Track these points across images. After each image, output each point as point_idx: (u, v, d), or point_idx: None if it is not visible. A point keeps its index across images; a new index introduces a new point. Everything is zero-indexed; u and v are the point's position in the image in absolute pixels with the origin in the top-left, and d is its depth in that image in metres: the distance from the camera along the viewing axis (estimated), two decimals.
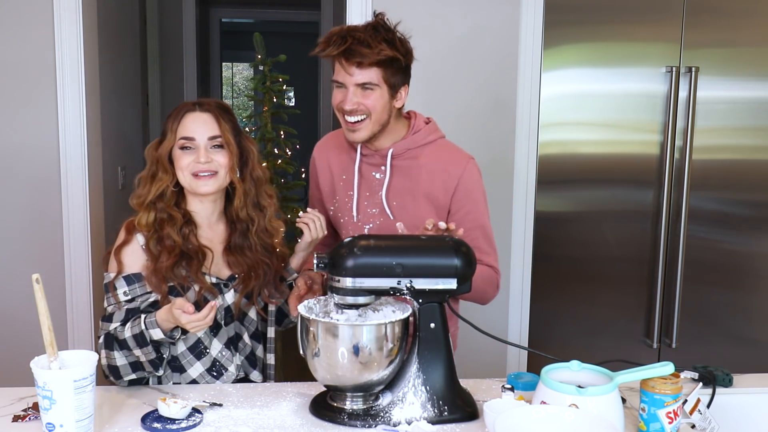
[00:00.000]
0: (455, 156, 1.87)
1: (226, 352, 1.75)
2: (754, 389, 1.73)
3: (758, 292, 3.02)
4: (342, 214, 1.90)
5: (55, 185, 2.85)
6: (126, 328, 1.60)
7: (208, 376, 1.74)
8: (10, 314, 2.86)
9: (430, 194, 1.84)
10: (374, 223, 1.87)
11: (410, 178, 1.84)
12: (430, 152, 1.86)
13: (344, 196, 1.90)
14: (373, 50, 1.70)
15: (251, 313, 1.82)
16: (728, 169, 2.96)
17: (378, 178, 1.86)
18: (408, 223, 1.77)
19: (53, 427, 1.34)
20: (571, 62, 2.88)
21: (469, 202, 1.86)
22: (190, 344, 1.72)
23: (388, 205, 1.84)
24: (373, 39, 1.71)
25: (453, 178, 1.83)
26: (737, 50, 2.89)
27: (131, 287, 1.68)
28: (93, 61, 2.96)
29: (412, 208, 1.84)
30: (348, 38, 1.71)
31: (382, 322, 1.47)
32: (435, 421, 1.49)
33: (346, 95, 1.76)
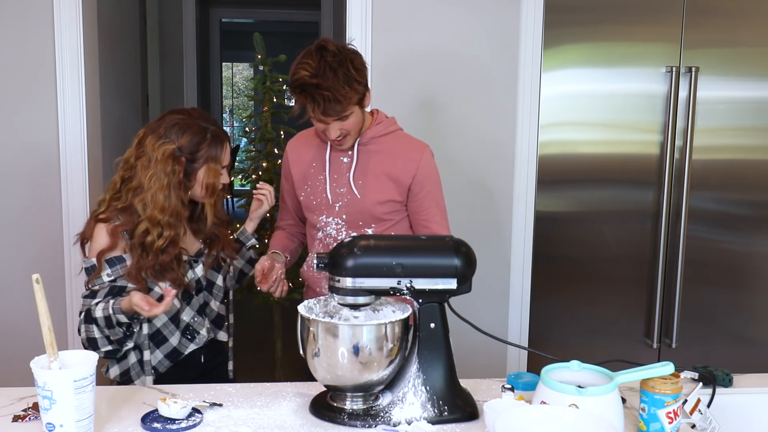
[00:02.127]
0: (414, 143, 2.12)
1: (198, 317, 1.97)
2: (754, 389, 1.73)
3: (758, 292, 3.02)
4: (314, 197, 2.10)
5: (55, 185, 2.85)
6: (98, 308, 1.76)
7: (183, 339, 1.94)
8: (10, 314, 2.86)
9: (391, 174, 2.05)
10: (343, 200, 2.07)
11: (374, 161, 2.07)
12: (392, 140, 2.10)
13: (315, 180, 2.10)
14: (346, 101, 1.89)
15: (218, 281, 2.03)
16: (728, 169, 2.96)
17: (345, 162, 2.07)
18: (372, 198, 2.04)
19: (53, 427, 1.34)
20: (571, 62, 2.88)
21: (429, 183, 2.10)
22: (171, 315, 1.91)
23: (354, 184, 2.05)
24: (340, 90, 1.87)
25: (414, 161, 2.06)
26: (737, 50, 2.89)
27: (113, 269, 1.83)
28: (93, 60, 2.96)
29: (376, 185, 2.05)
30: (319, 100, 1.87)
31: (382, 322, 1.47)
32: (435, 421, 1.49)
33: (328, 129, 1.96)
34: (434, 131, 2.89)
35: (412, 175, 2.05)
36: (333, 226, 2.09)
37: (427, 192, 2.09)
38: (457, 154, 2.91)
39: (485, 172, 2.94)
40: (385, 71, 2.84)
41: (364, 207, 2.05)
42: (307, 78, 1.87)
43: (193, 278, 1.95)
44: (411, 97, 2.89)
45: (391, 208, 2.07)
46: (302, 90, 1.89)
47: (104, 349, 1.80)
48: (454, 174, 2.92)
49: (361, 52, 2.82)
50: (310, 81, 1.86)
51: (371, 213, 2.05)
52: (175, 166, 1.83)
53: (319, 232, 2.11)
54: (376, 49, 2.83)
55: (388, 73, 2.85)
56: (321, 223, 2.09)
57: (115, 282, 1.82)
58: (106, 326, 1.76)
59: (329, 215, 2.08)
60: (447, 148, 2.90)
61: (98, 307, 1.76)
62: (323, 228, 2.10)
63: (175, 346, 1.92)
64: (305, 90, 1.88)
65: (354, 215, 2.06)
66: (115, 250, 1.83)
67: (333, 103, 1.88)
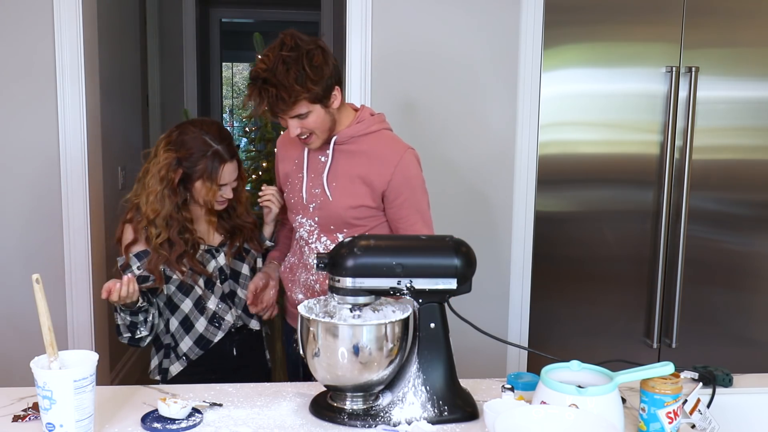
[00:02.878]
0: (393, 146, 1.99)
1: (222, 305, 2.04)
2: (754, 389, 1.73)
3: (758, 292, 3.02)
4: (292, 195, 2.06)
5: (55, 185, 2.85)
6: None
7: (211, 327, 2.03)
8: (10, 314, 2.86)
9: (365, 178, 1.95)
10: (316, 202, 2.00)
11: (349, 162, 1.97)
12: (371, 140, 1.98)
13: (295, 178, 2.05)
14: (288, 102, 1.82)
15: (244, 270, 2.09)
16: (728, 169, 2.95)
17: (323, 161, 2.00)
18: (343, 202, 1.96)
19: (53, 427, 1.34)
20: (571, 62, 2.88)
21: (407, 189, 1.96)
22: (195, 300, 2.01)
23: (327, 186, 1.97)
24: (288, 88, 1.79)
25: (389, 165, 1.94)
26: (737, 50, 2.89)
27: (141, 262, 1.97)
28: (93, 61, 2.96)
29: (348, 188, 1.96)
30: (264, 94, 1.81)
31: (382, 322, 1.47)
32: (435, 421, 1.49)
33: (288, 127, 1.90)
34: (434, 131, 2.89)
35: (386, 181, 1.93)
36: (306, 227, 2.03)
37: (404, 199, 1.96)
38: (457, 154, 2.91)
39: (485, 172, 2.94)
40: (385, 71, 2.84)
41: (334, 210, 1.97)
42: (260, 71, 1.81)
43: (216, 267, 2.04)
44: (411, 97, 2.89)
45: (363, 213, 1.97)
46: (253, 83, 1.84)
47: (125, 335, 1.96)
48: (453, 174, 2.92)
49: (361, 51, 2.84)
50: (262, 75, 1.81)
51: (341, 217, 1.97)
52: (171, 174, 1.93)
53: (296, 232, 2.09)
54: (376, 49, 2.83)
55: (388, 73, 2.85)
56: (296, 223, 2.05)
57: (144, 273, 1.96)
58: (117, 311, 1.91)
59: (304, 216, 2.03)
60: (447, 149, 2.91)
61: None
62: (298, 229, 2.05)
63: (201, 332, 2.02)
64: (255, 83, 1.83)
65: (326, 218, 1.99)
66: (139, 243, 1.97)
67: (278, 101, 1.81)
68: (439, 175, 2.86)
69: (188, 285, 2.01)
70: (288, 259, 2.12)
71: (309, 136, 1.91)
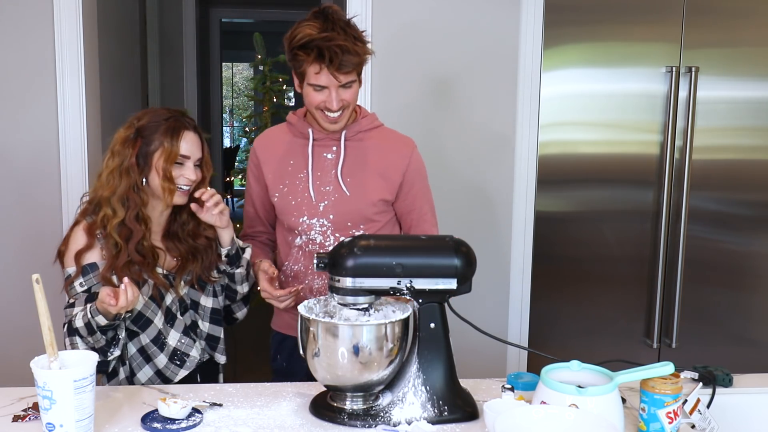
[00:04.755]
0: (402, 138, 2.04)
1: (185, 339, 1.86)
2: (754, 389, 1.73)
3: (758, 292, 3.02)
4: (293, 197, 1.96)
5: (55, 185, 2.85)
6: (78, 317, 1.70)
7: (171, 365, 1.84)
8: (10, 314, 2.86)
9: (381, 171, 1.96)
10: (329, 199, 1.95)
11: (362, 157, 1.96)
12: (378, 135, 2.00)
13: (295, 179, 1.97)
14: (360, 57, 1.82)
15: (202, 300, 1.90)
16: (728, 169, 2.95)
17: (330, 158, 1.96)
18: (362, 197, 1.94)
19: (53, 427, 1.34)
20: (571, 62, 2.88)
21: (419, 180, 2.02)
22: (152, 337, 1.81)
23: (342, 182, 1.93)
24: (353, 44, 1.80)
25: (404, 157, 1.98)
26: (737, 50, 2.89)
27: (86, 278, 1.76)
28: (93, 60, 2.96)
29: (365, 183, 1.95)
30: (336, 50, 1.76)
31: (382, 322, 1.47)
32: (435, 421, 1.49)
33: (330, 96, 1.84)
34: (433, 131, 2.89)
35: (402, 172, 1.96)
36: (318, 228, 1.94)
37: (417, 189, 2.00)
38: (457, 153, 2.91)
39: (485, 171, 2.94)
40: (385, 71, 2.84)
41: (354, 206, 1.93)
42: (315, 34, 1.76)
43: (175, 297, 1.84)
44: (411, 97, 2.89)
45: (381, 207, 1.97)
46: (309, 47, 1.76)
47: None
48: (454, 174, 2.92)
49: None
50: (320, 36, 1.76)
51: (362, 213, 1.94)
52: (129, 149, 1.78)
53: (298, 237, 1.97)
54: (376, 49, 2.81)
55: (388, 73, 2.85)
56: (303, 225, 1.95)
57: (90, 291, 1.75)
58: (88, 334, 1.68)
59: (312, 216, 1.94)
60: (447, 148, 2.91)
61: (78, 316, 1.70)
62: (305, 232, 1.95)
63: (160, 368, 1.82)
64: (313, 46, 1.76)
65: (342, 215, 1.94)
66: (92, 250, 1.77)
67: (349, 55, 1.77)
68: (439, 175, 2.86)
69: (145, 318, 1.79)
70: (288, 268, 2.01)
71: (341, 113, 1.87)
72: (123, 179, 1.77)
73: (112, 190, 1.76)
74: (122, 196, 1.76)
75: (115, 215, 1.76)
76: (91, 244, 1.77)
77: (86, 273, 1.77)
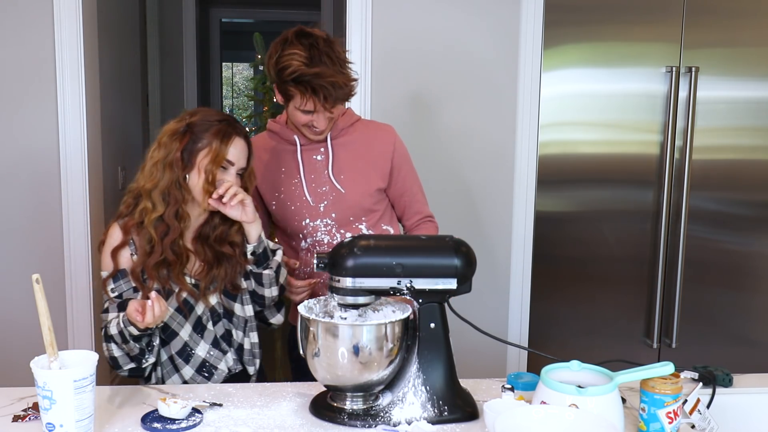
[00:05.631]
0: (381, 126, 2.08)
1: (214, 351, 1.80)
2: (754, 389, 1.73)
3: (758, 292, 3.02)
4: (291, 202, 1.99)
5: (55, 185, 2.85)
6: (113, 325, 1.67)
7: (198, 377, 1.79)
8: (10, 314, 2.86)
9: (371, 162, 2.00)
10: (327, 199, 1.98)
11: (348, 153, 2.00)
12: (359, 128, 2.04)
13: (290, 185, 1.99)
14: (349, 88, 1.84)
15: (237, 309, 1.82)
16: (728, 169, 2.96)
17: (320, 160, 1.99)
18: (358, 190, 1.97)
19: (53, 427, 1.34)
20: (571, 62, 2.88)
21: (406, 162, 2.07)
22: (177, 349, 1.77)
23: (336, 180, 1.97)
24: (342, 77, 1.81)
25: (389, 144, 2.03)
26: (737, 50, 2.89)
27: (116, 284, 1.72)
28: (93, 61, 2.96)
29: (358, 176, 1.99)
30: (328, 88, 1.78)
31: (382, 322, 1.47)
32: (435, 421, 1.49)
33: (318, 117, 1.87)
34: (434, 131, 2.89)
35: (389, 158, 2.01)
36: (322, 229, 1.98)
37: (405, 172, 2.06)
38: (456, 154, 2.91)
39: (485, 172, 2.94)
40: (385, 71, 2.84)
41: (353, 201, 1.97)
42: (304, 69, 1.77)
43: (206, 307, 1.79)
44: (410, 98, 2.88)
45: (378, 197, 2.02)
46: (299, 82, 1.78)
47: (127, 368, 1.71)
48: (453, 174, 2.92)
49: (361, 51, 2.85)
50: (309, 71, 1.77)
51: (362, 206, 1.98)
52: (176, 143, 1.71)
53: (303, 241, 2.01)
54: (376, 49, 2.83)
55: (388, 73, 2.85)
56: (308, 228, 1.98)
57: (121, 297, 1.72)
58: (123, 342, 1.65)
59: (315, 218, 1.98)
60: (447, 148, 2.91)
61: (112, 323, 1.67)
62: (310, 234, 1.99)
63: (186, 379, 1.78)
64: (303, 81, 1.78)
65: (343, 212, 1.98)
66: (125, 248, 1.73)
67: (341, 90, 1.80)
68: (439, 175, 2.87)
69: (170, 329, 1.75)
70: (301, 271, 2.04)
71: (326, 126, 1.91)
72: (166, 173, 1.70)
73: (154, 183, 1.70)
74: (164, 190, 1.70)
75: (155, 209, 1.70)
76: (125, 242, 1.73)
77: (117, 279, 1.72)
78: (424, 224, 2.10)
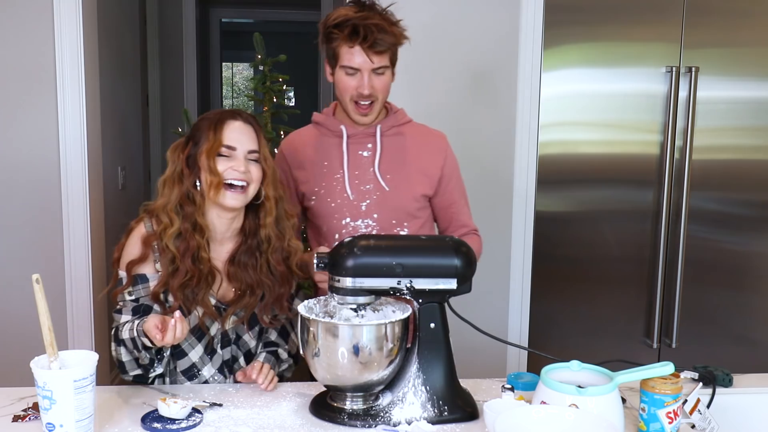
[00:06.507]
0: (434, 132, 2.02)
1: (218, 376, 1.75)
2: (754, 389, 1.73)
3: (758, 292, 3.02)
4: (332, 199, 1.90)
5: (55, 185, 2.85)
6: (125, 329, 1.62)
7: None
8: (10, 314, 2.86)
9: (420, 166, 1.93)
10: (370, 198, 1.89)
11: (399, 152, 1.92)
12: (411, 129, 1.97)
13: (331, 180, 1.90)
14: (395, 37, 1.79)
15: (245, 336, 1.77)
16: (728, 169, 2.96)
17: (366, 156, 1.90)
18: (404, 193, 1.89)
19: (53, 427, 1.34)
20: (571, 62, 2.88)
21: (455, 173, 2.01)
22: (184, 368, 1.73)
23: (382, 178, 1.88)
24: (388, 25, 1.78)
25: (441, 150, 1.97)
26: (737, 50, 2.89)
27: (135, 288, 1.67)
28: (93, 61, 2.96)
29: (405, 178, 1.91)
30: (372, 28, 1.74)
31: (382, 322, 1.47)
32: (435, 421, 1.49)
33: (362, 80, 1.80)
34: None
35: (440, 167, 1.94)
36: (363, 230, 1.88)
37: (454, 184, 1.99)
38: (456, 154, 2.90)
39: (485, 171, 2.94)
40: None
41: (397, 203, 1.88)
42: (350, 14, 1.75)
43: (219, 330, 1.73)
44: (410, 97, 2.88)
45: (422, 203, 1.93)
46: (344, 25, 1.74)
47: (133, 373, 1.67)
48: None
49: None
50: (355, 15, 1.75)
51: (405, 209, 1.88)
52: (179, 154, 1.68)
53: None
54: None
55: None
56: (347, 228, 1.89)
57: (138, 302, 1.67)
58: (134, 348, 1.61)
59: (356, 218, 1.89)
60: None
61: (125, 327, 1.62)
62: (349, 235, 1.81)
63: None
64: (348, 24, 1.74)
65: (386, 213, 1.88)
66: (146, 262, 1.67)
67: (384, 34, 1.74)
68: None
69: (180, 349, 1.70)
70: None
71: (371, 104, 1.83)
72: (176, 187, 1.67)
73: (167, 199, 1.66)
74: (176, 204, 1.66)
75: (172, 225, 1.64)
76: (145, 256, 1.67)
77: (135, 283, 1.67)
78: (468, 237, 1.99)
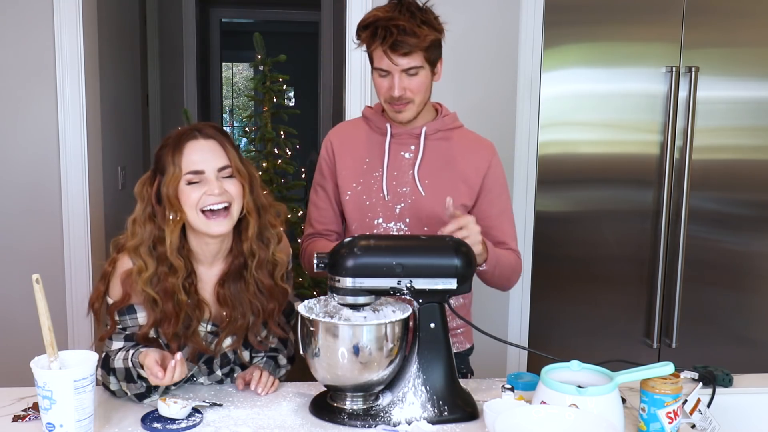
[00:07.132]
0: (483, 141, 1.93)
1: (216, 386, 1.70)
2: (754, 389, 1.73)
3: (758, 292, 3.02)
4: (367, 197, 1.85)
5: (55, 185, 2.85)
6: (119, 359, 1.54)
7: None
8: (10, 314, 2.86)
9: (462, 174, 1.85)
10: (405, 202, 1.84)
11: (442, 158, 1.85)
12: (459, 135, 1.90)
13: (369, 177, 1.86)
14: (419, 38, 1.70)
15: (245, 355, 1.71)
16: (728, 169, 2.95)
17: (407, 158, 1.85)
18: (440, 199, 1.76)
19: (53, 427, 1.34)
20: (571, 62, 2.87)
21: (498, 185, 1.90)
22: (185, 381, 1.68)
23: (420, 183, 1.83)
24: (415, 26, 1.70)
25: (485, 160, 1.87)
26: (737, 50, 2.89)
27: (122, 318, 1.61)
28: (93, 61, 2.96)
29: (445, 186, 1.83)
30: (392, 29, 1.69)
31: (382, 322, 1.47)
32: (435, 421, 1.49)
33: (393, 82, 1.75)
34: None
35: (482, 175, 1.85)
36: (394, 233, 1.83)
37: (497, 194, 1.87)
38: None
39: None
40: None
41: (431, 209, 1.80)
42: (380, 14, 1.71)
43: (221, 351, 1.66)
44: None
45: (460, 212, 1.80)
46: (369, 27, 1.71)
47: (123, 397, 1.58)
48: None
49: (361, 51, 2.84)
50: (383, 16, 1.71)
51: (439, 217, 1.77)
52: (147, 189, 1.57)
53: None
54: None
55: None
56: (379, 230, 1.84)
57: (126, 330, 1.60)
58: (126, 379, 1.52)
59: (389, 220, 1.84)
60: None
61: (118, 356, 1.54)
62: None
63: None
64: (372, 26, 1.71)
65: (419, 219, 1.82)
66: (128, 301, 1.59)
67: (406, 35, 1.68)
68: None
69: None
70: None
71: (406, 103, 1.77)
72: (147, 226, 1.55)
73: (139, 239, 1.54)
74: (149, 246, 1.54)
75: (147, 269, 1.53)
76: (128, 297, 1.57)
77: (122, 314, 1.59)
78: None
